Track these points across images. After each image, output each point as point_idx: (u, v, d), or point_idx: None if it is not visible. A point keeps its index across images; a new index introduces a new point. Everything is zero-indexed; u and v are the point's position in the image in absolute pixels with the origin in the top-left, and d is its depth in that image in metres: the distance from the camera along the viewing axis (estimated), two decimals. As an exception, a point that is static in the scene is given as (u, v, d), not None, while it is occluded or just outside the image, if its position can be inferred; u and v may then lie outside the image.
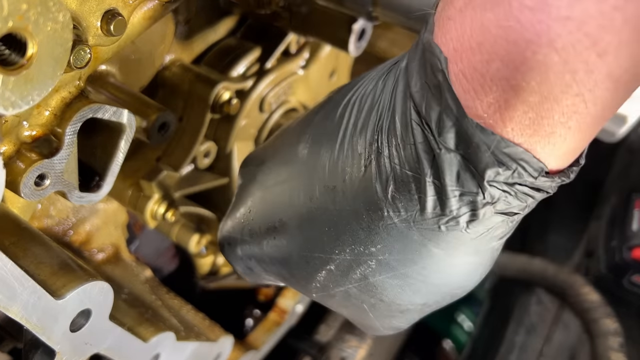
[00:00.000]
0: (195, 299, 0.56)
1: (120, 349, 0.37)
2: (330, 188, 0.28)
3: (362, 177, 0.27)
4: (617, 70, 0.21)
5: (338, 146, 0.28)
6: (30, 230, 0.34)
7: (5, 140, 0.32)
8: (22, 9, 0.25)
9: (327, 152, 0.29)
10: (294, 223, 0.30)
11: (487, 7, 0.22)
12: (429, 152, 0.25)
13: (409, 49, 0.28)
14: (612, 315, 0.73)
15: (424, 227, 0.26)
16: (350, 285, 0.30)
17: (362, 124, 0.28)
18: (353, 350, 0.71)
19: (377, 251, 0.29)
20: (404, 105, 0.26)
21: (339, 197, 0.28)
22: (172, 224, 0.57)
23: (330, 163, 0.29)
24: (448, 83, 0.23)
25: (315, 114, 0.32)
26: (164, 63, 0.48)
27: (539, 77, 0.21)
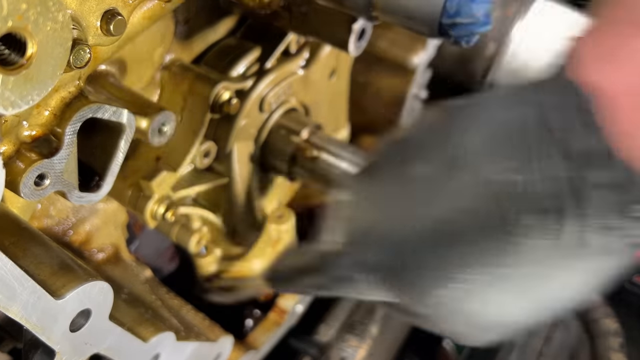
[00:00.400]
0: (195, 299, 0.56)
1: (120, 348, 0.37)
2: (459, 209, 0.29)
3: (493, 201, 0.28)
4: None
5: (466, 170, 0.29)
6: (30, 230, 0.34)
7: (5, 140, 0.32)
8: (22, 9, 0.25)
9: (454, 174, 0.29)
10: (417, 239, 0.31)
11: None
12: (572, 185, 0.25)
13: (542, 83, 0.29)
14: (612, 315, 0.73)
15: (555, 252, 0.27)
16: (466, 300, 0.31)
17: (493, 151, 0.28)
18: (353, 350, 0.71)
19: (503, 269, 0.30)
20: (542, 138, 0.26)
21: (468, 218, 0.29)
22: (172, 223, 0.57)
23: (458, 184, 0.29)
24: (604, 123, 0.25)
25: (431, 133, 0.32)
26: (164, 63, 0.47)
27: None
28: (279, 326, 0.67)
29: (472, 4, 0.37)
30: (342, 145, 0.57)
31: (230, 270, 0.62)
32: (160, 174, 0.46)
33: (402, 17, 0.38)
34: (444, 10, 0.36)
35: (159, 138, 0.39)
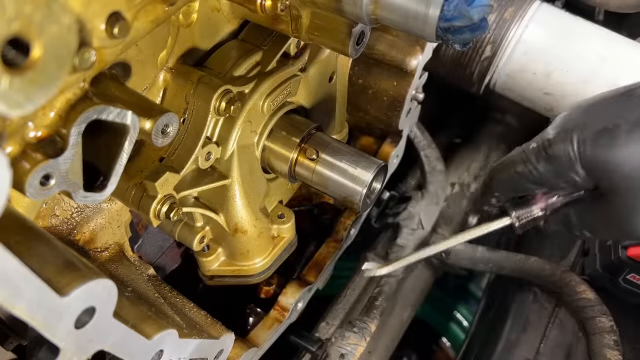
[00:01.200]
0: (198, 297, 0.57)
1: (124, 345, 0.38)
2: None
3: None
4: None
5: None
6: (35, 229, 0.34)
7: (11, 141, 0.32)
8: (27, 12, 0.26)
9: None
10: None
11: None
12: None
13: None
14: (608, 313, 0.74)
15: None
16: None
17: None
18: (352, 347, 0.72)
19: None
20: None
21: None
22: (175, 222, 0.57)
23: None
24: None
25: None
26: (167, 65, 0.48)
27: None
28: (279, 323, 0.67)
29: (469, 7, 0.37)
30: (342, 146, 0.58)
31: (232, 269, 0.62)
32: (164, 174, 0.46)
33: (400, 20, 0.39)
34: (442, 14, 0.37)
35: (163, 139, 0.39)
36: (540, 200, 0.55)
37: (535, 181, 0.51)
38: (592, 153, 0.45)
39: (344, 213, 0.79)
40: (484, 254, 0.87)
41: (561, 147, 0.47)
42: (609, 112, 0.46)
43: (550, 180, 0.50)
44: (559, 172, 0.49)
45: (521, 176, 0.52)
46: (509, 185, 0.54)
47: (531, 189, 0.53)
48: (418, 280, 0.94)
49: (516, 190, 0.55)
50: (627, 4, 0.92)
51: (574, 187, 0.50)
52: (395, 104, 0.76)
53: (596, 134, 0.45)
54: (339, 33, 0.45)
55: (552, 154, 0.48)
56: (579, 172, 0.47)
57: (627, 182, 0.45)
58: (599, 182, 0.47)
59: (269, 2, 0.44)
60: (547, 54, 0.85)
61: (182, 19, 0.47)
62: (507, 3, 0.88)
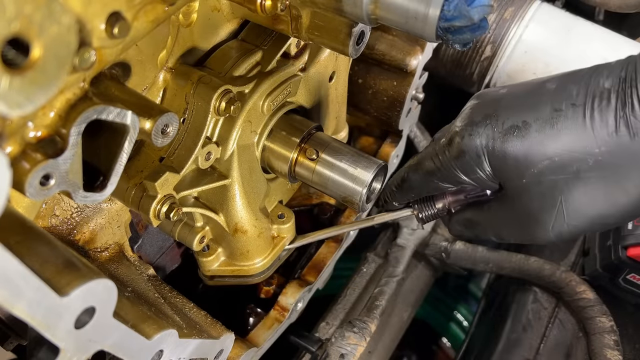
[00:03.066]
0: (198, 297, 0.57)
1: (123, 345, 0.38)
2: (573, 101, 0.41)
3: (605, 101, 0.40)
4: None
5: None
6: (35, 229, 0.34)
7: (11, 141, 0.32)
8: (27, 12, 0.26)
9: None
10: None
11: None
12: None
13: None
14: (608, 313, 0.74)
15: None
16: (560, 176, 0.40)
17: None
18: (352, 347, 0.72)
19: (599, 152, 0.39)
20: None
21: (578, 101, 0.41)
22: (175, 222, 0.57)
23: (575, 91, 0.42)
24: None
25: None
26: (167, 65, 0.48)
27: None
28: (279, 323, 0.67)
29: (469, 7, 0.37)
30: (342, 146, 0.58)
31: (232, 269, 0.62)
32: (164, 174, 0.46)
33: (400, 20, 0.39)
34: (442, 14, 0.37)
35: (163, 139, 0.39)
36: (443, 197, 0.52)
37: (445, 179, 0.48)
38: (501, 150, 0.43)
39: (344, 213, 0.79)
40: (484, 254, 0.87)
41: (468, 142, 0.44)
42: (520, 107, 0.43)
43: (457, 178, 0.46)
44: (465, 169, 0.45)
45: (431, 174, 0.49)
46: (421, 183, 0.51)
47: (442, 188, 0.49)
48: (418, 280, 0.94)
49: (428, 189, 0.51)
50: (627, 4, 0.92)
51: (482, 186, 0.47)
52: (395, 104, 0.76)
53: (506, 130, 0.43)
54: (339, 33, 0.45)
55: (459, 150, 0.45)
56: (486, 170, 0.44)
57: (535, 182, 0.42)
58: (506, 181, 0.45)
59: (269, 2, 0.44)
60: (547, 54, 0.85)
61: (182, 18, 0.47)
62: (507, 3, 0.88)
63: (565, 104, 0.41)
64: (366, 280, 0.87)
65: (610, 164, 0.40)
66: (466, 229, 0.52)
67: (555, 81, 0.44)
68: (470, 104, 0.48)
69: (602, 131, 0.40)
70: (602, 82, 0.41)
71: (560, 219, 0.42)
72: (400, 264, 0.86)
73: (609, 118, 0.40)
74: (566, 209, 0.42)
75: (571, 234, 0.44)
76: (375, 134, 0.85)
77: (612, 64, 0.42)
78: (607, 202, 0.41)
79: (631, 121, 0.39)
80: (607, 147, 0.40)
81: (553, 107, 0.42)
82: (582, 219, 0.42)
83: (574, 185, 0.41)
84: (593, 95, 0.41)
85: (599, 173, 0.40)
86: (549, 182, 0.42)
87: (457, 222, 0.53)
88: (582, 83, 0.42)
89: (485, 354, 0.80)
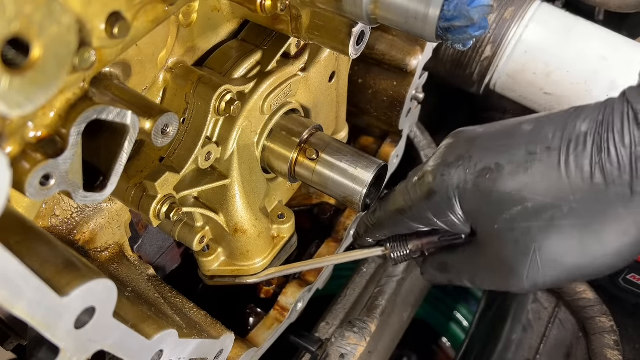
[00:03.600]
0: (198, 297, 0.57)
1: (123, 345, 0.38)
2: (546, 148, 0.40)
3: (580, 146, 0.38)
4: None
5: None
6: (35, 229, 0.34)
7: (10, 141, 0.32)
8: (27, 12, 0.26)
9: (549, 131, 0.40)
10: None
11: None
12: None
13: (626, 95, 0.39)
14: (608, 313, 0.74)
15: (618, 190, 0.36)
16: (534, 223, 0.38)
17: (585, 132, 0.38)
18: (352, 347, 0.72)
19: (573, 200, 0.38)
20: (623, 121, 0.37)
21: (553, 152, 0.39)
22: (175, 222, 0.57)
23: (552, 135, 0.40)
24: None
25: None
26: (167, 65, 0.48)
27: None
28: (279, 323, 0.67)
29: (469, 7, 0.37)
30: (342, 146, 0.58)
31: (231, 269, 0.62)
32: (164, 174, 0.46)
33: (400, 20, 0.39)
34: (442, 14, 0.37)
35: (163, 139, 0.39)
36: (416, 238, 0.50)
37: (415, 219, 0.45)
38: (472, 193, 0.40)
39: (344, 213, 0.79)
40: (484, 254, 0.87)
41: (440, 182, 0.42)
42: (494, 148, 0.41)
43: (428, 219, 0.44)
44: (436, 211, 0.43)
45: (402, 212, 0.46)
46: (392, 222, 0.48)
47: (413, 228, 0.47)
48: (418, 280, 0.94)
49: (400, 229, 0.49)
50: (627, 4, 0.92)
51: (453, 229, 0.44)
52: (395, 104, 0.76)
53: (478, 172, 0.40)
54: (339, 33, 0.45)
55: (430, 190, 0.43)
56: (458, 213, 0.42)
57: (508, 229, 0.40)
58: (478, 226, 0.42)
59: (269, 2, 0.44)
60: (547, 53, 0.85)
61: (182, 18, 0.47)
62: (507, 3, 0.88)
63: (540, 147, 0.39)
64: (366, 280, 0.87)
65: (585, 212, 0.38)
66: (440, 273, 0.50)
67: (532, 122, 0.42)
68: (445, 143, 0.46)
69: (577, 177, 0.37)
70: (579, 125, 0.39)
71: (535, 269, 0.40)
72: (400, 264, 0.85)
73: (585, 164, 0.37)
74: (540, 258, 0.39)
75: (547, 284, 0.41)
76: (375, 134, 0.85)
77: (590, 106, 0.40)
78: (583, 252, 0.38)
79: (606, 168, 0.36)
80: (582, 195, 0.37)
81: (527, 150, 0.40)
82: (557, 268, 0.40)
83: (548, 234, 0.39)
84: (569, 139, 0.38)
85: (574, 221, 0.38)
86: (522, 229, 0.39)
87: (430, 266, 0.51)
88: (559, 125, 0.40)
89: (485, 354, 0.80)
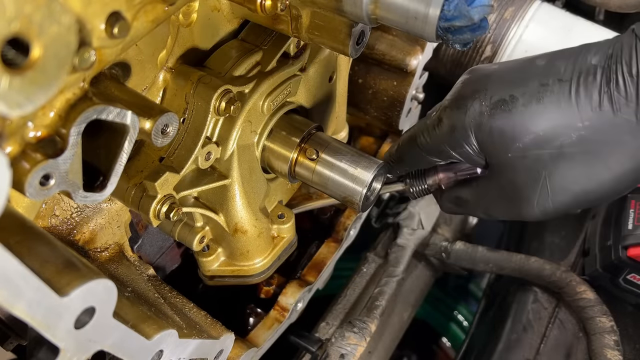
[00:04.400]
0: (198, 297, 0.57)
1: (123, 345, 0.38)
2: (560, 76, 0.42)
3: (590, 77, 0.40)
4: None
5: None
6: (35, 229, 0.34)
7: (10, 141, 0.32)
8: (27, 12, 0.26)
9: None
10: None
11: None
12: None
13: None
14: (608, 313, 0.74)
15: (624, 118, 0.38)
16: (545, 150, 0.41)
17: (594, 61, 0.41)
18: (352, 347, 0.72)
19: (582, 127, 0.40)
20: (631, 54, 0.39)
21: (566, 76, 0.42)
22: (175, 222, 0.57)
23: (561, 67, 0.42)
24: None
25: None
26: (167, 65, 0.48)
27: None
28: (279, 323, 0.67)
29: (469, 7, 0.37)
30: (342, 146, 0.58)
31: (231, 269, 0.62)
32: (164, 174, 0.46)
33: (400, 20, 0.39)
34: (442, 14, 0.37)
35: (162, 139, 0.39)
36: (434, 173, 0.53)
37: (433, 152, 0.48)
38: (487, 124, 0.42)
39: (344, 213, 0.79)
40: (484, 254, 0.87)
41: (455, 115, 0.44)
42: (508, 82, 0.43)
43: (445, 151, 0.46)
44: (453, 143, 0.45)
45: (421, 147, 0.49)
46: (412, 156, 0.51)
47: (431, 162, 0.50)
48: (418, 280, 0.94)
49: (419, 163, 0.52)
50: (628, 4, 0.92)
51: (469, 162, 0.47)
52: (395, 104, 0.76)
53: (493, 104, 0.43)
54: (339, 33, 0.45)
55: (446, 122, 0.45)
56: (473, 145, 0.44)
57: (520, 157, 0.42)
58: (492, 156, 0.44)
59: (269, 2, 0.44)
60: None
61: (182, 18, 0.47)
62: (507, 3, 0.88)
63: (553, 79, 0.42)
64: (366, 280, 0.87)
65: (593, 140, 0.40)
66: (456, 206, 0.52)
67: (544, 58, 0.45)
68: (461, 79, 0.48)
69: (587, 106, 0.40)
70: (590, 58, 0.41)
71: (545, 195, 0.43)
72: (400, 264, 0.86)
73: (594, 93, 0.40)
74: (550, 185, 0.42)
75: (556, 211, 0.44)
76: (375, 134, 0.85)
77: (601, 42, 0.42)
78: (590, 178, 0.41)
79: (614, 97, 0.39)
80: (590, 122, 0.40)
81: (540, 82, 0.42)
82: (566, 194, 0.42)
83: (558, 161, 0.41)
84: (580, 71, 0.41)
85: (582, 148, 0.41)
86: (534, 156, 0.42)
87: (447, 199, 0.53)
88: (571, 59, 0.42)
89: (485, 354, 0.80)
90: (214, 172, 0.54)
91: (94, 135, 0.36)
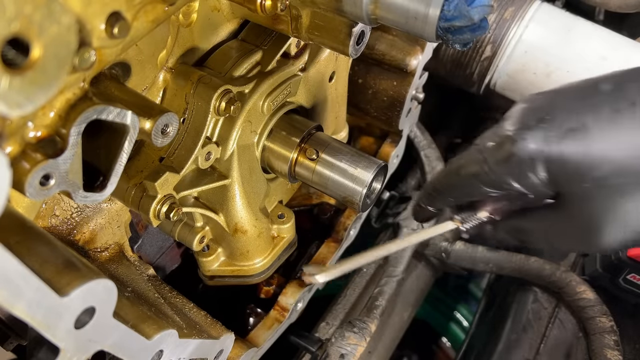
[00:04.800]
0: (198, 297, 0.57)
1: (123, 345, 0.38)
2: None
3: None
4: None
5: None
6: (35, 229, 0.34)
7: (10, 141, 0.32)
8: (27, 12, 0.26)
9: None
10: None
11: None
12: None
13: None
14: (608, 313, 0.74)
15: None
16: (625, 179, 0.39)
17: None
18: (352, 347, 0.72)
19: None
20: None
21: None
22: (175, 222, 0.57)
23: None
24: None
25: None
26: (167, 65, 0.48)
27: None
28: (279, 323, 0.67)
29: (469, 7, 0.37)
30: (342, 146, 0.58)
31: (231, 269, 0.62)
32: (164, 174, 0.46)
33: (400, 20, 0.39)
34: (442, 14, 0.37)
35: (162, 139, 0.39)
36: (487, 204, 0.49)
37: (492, 184, 0.45)
38: (558, 154, 0.40)
39: (344, 213, 0.79)
40: (484, 254, 0.87)
41: (522, 146, 0.42)
42: (576, 109, 0.41)
43: (505, 183, 0.44)
44: (517, 173, 0.43)
45: (477, 179, 0.45)
46: (464, 187, 0.47)
47: (484, 193, 0.46)
48: (418, 280, 0.94)
49: (471, 195, 0.48)
50: (628, 4, 0.92)
51: (533, 192, 0.44)
52: (395, 104, 0.76)
53: (563, 133, 0.40)
54: (339, 33, 0.45)
55: (511, 154, 0.42)
56: (540, 175, 0.42)
57: (597, 187, 0.40)
58: (564, 187, 0.42)
59: (269, 2, 0.44)
60: (547, 53, 0.85)
61: (182, 18, 0.47)
62: (507, 3, 0.88)
63: (624, 104, 0.40)
64: (366, 280, 0.87)
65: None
66: (515, 237, 0.50)
67: (609, 81, 0.42)
68: (519, 107, 0.45)
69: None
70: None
71: (622, 225, 0.41)
72: (400, 264, 0.86)
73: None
74: (626, 217, 0.40)
75: (634, 242, 0.42)
76: (375, 134, 0.85)
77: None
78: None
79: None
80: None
81: (612, 107, 0.40)
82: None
83: (637, 193, 0.39)
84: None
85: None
86: (612, 187, 0.40)
87: (504, 230, 0.50)
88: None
89: (485, 354, 0.80)
90: (214, 172, 0.54)
91: (94, 135, 0.36)
